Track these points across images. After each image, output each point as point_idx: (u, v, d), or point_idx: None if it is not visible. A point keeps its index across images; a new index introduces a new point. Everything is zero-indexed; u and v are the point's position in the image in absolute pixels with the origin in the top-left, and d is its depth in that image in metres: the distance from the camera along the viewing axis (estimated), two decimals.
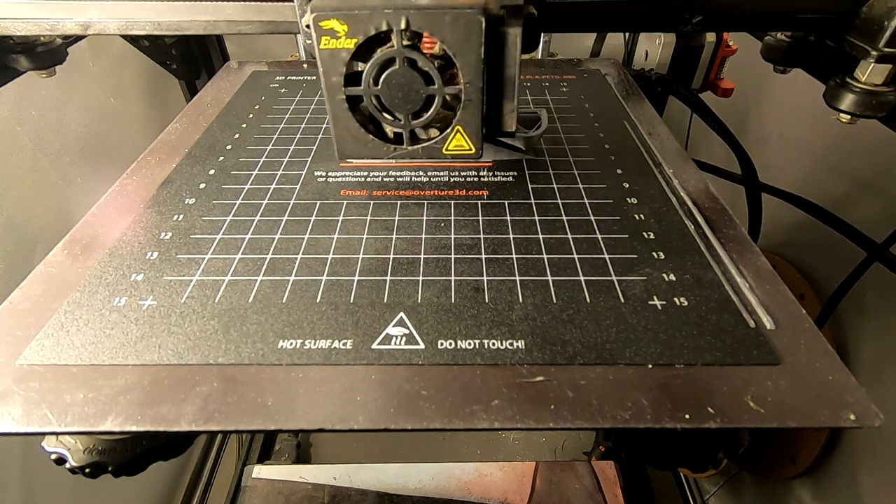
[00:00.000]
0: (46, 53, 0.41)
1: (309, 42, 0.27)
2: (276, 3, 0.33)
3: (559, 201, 0.33)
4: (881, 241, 0.46)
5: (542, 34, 0.65)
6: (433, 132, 0.27)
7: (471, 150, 0.27)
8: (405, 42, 0.24)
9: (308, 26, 0.25)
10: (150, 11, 0.33)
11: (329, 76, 0.25)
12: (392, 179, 0.35)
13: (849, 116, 0.35)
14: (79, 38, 0.49)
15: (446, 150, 0.27)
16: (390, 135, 0.28)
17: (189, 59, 0.73)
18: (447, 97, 0.26)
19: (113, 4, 0.33)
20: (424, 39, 0.24)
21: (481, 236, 0.30)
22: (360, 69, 0.25)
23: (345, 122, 0.27)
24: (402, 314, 0.25)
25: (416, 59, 0.25)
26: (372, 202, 0.33)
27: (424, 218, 0.32)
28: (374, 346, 0.24)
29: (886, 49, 0.32)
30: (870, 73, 0.33)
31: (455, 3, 0.23)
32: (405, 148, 0.27)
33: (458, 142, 0.27)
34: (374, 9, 0.23)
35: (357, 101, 0.26)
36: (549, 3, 0.33)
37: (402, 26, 0.24)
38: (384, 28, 0.24)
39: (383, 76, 0.25)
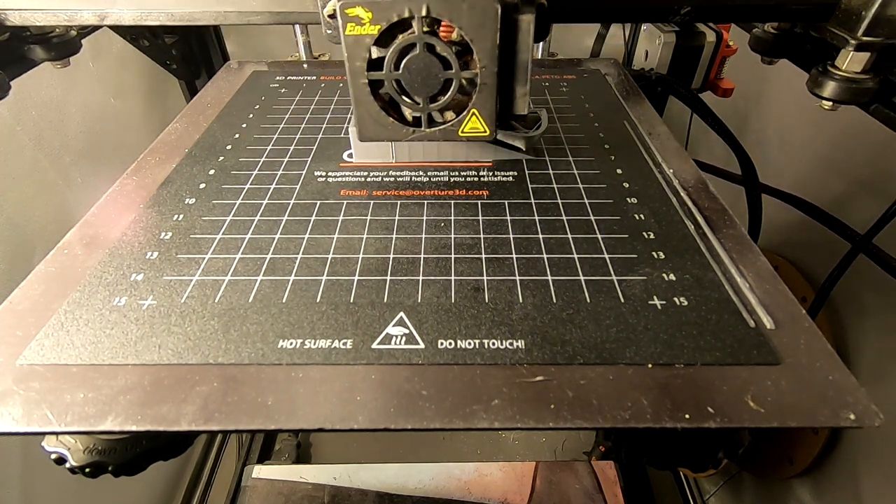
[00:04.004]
0: (62, 44, 0.42)
1: (329, 31, 0.29)
2: None
3: (559, 201, 0.33)
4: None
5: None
6: (449, 115, 0.29)
7: (485, 132, 0.29)
8: (425, 28, 0.26)
9: (332, 15, 0.27)
10: (163, 2, 0.34)
11: (353, 61, 0.27)
12: (392, 179, 0.35)
13: (830, 103, 0.36)
14: (94, 28, 0.49)
15: (462, 132, 0.29)
16: (409, 118, 0.29)
17: (189, 59, 0.73)
18: (463, 81, 0.27)
19: None
20: (442, 26, 0.26)
21: (481, 236, 0.30)
22: (381, 55, 0.27)
23: (366, 105, 0.28)
24: (402, 314, 0.25)
25: (435, 45, 0.26)
26: (372, 202, 0.33)
27: (424, 218, 0.32)
28: (374, 345, 0.24)
29: (864, 38, 0.33)
30: (849, 61, 0.35)
31: None
32: (423, 130, 0.29)
33: (474, 124, 0.29)
34: None
35: (378, 86, 0.28)
36: None
37: (423, 13, 0.25)
38: (406, 15, 0.25)
39: (404, 61, 0.27)
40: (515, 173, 0.36)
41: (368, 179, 0.36)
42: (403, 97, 0.28)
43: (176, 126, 0.42)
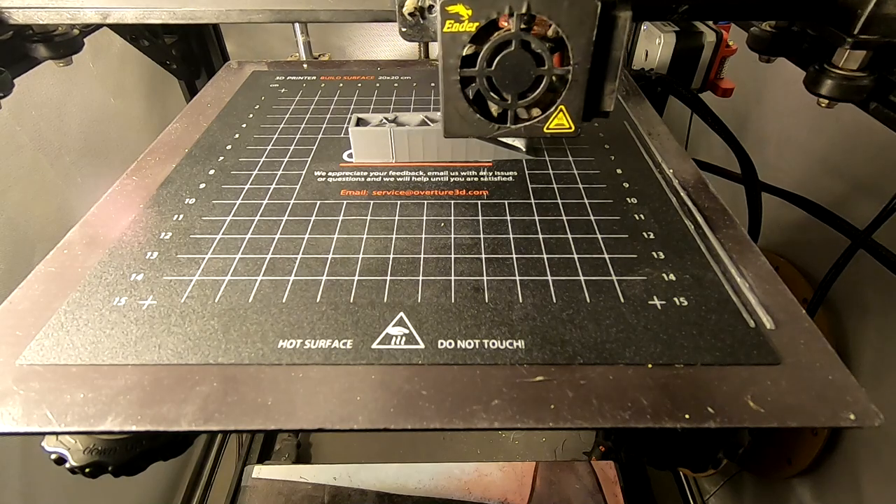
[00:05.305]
0: (64, 43, 0.43)
1: (405, 29, 0.29)
2: None
3: (559, 201, 0.33)
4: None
5: None
6: (535, 112, 0.29)
7: (570, 128, 0.29)
8: (522, 26, 0.26)
9: (412, 13, 0.28)
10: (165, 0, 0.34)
11: (447, 58, 0.27)
12: (392, 179, 0.35)
13: (827, 101, 0.36)
14: (96, 27, 0.50)
15: (547, 128, 0.29)
16: (494, 114, 0.29)
17: (189, 59, 0.73)
18: (553, 78, 0.27)
19: None
20: (535, 22, 0.26)
21: (481, 236, 0.30)
22: (475, 51, 0.27)
23: (455, 101, 0.28)
24: (402, 314, 0.25)
25: (531, 42, 0.26)
26: (372, 202, 0.33)
27: (424, 218, 0.32)
28: (374, 345, 0.24)
29: (861, 36, 0.33)
30: (846, 59, 0.35)
31: None
32: (508, 127, 0.29)
33: (560, 121, 0.28)
34: None
35: (468, 82, 0.28)
36: None
37: (523, 10, 0.25)
38: (506, 12, 0.25)
39: (497, 58, 0.27)
40: (515, 173, 0.36)
41: (368, 179, 0.36)
42: (492, 93, 0.28)
43: (176, 126, 0.42)
